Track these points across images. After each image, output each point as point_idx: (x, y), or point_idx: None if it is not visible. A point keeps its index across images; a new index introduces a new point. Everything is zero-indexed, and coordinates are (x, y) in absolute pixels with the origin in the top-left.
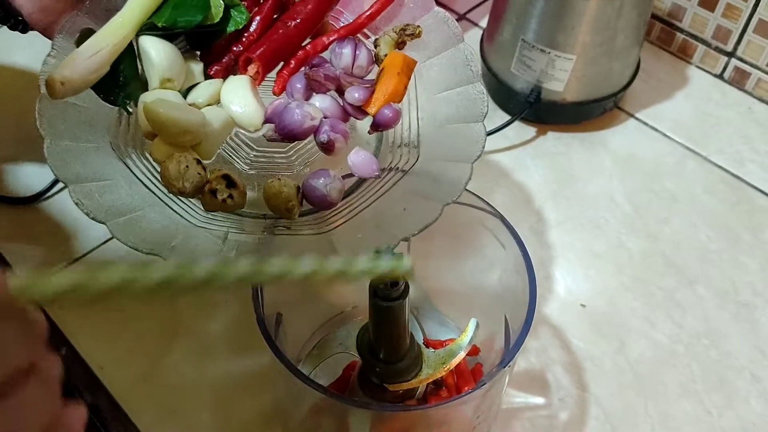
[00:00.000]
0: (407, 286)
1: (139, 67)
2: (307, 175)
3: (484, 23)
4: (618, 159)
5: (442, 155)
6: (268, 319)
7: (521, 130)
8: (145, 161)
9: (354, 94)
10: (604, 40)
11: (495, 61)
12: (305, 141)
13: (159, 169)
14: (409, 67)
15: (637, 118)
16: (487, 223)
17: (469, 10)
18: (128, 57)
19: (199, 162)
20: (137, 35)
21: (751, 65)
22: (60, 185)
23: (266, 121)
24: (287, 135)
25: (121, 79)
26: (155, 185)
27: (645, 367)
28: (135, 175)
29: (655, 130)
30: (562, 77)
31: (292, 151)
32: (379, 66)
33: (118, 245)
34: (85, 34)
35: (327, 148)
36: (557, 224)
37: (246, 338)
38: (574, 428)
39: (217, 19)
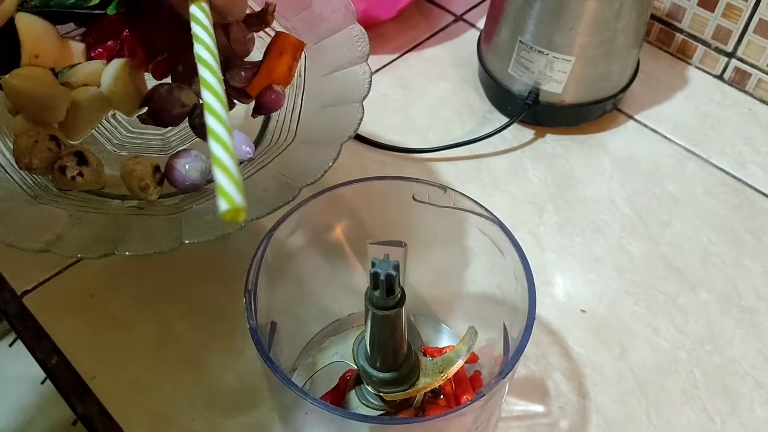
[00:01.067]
0: (404, 294)
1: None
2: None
3: (481, 24)
4: (618, 161)
5: (316, 137)
6: (261, 328)
7: (519, 133)
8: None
9: (240, 74)
10: (603, 41)
11: (492, 63)
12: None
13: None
14: (295, 47)
15: (636, 120)
16: (485, 229)
17: (466, 11)
18: (9, 34)
19: (53, 138)
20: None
21: (752, 66)
22: None
23: (143, 104)
24: (157, 120)
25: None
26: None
27: (647, 373)
28: None
29: (655, 131)
30: (560, 79)
31: (171, 134)
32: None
33: None
34: None
35: (198, 131)
36: (557, 228)
37: (241, 347)
38: None
39: (95, 1)
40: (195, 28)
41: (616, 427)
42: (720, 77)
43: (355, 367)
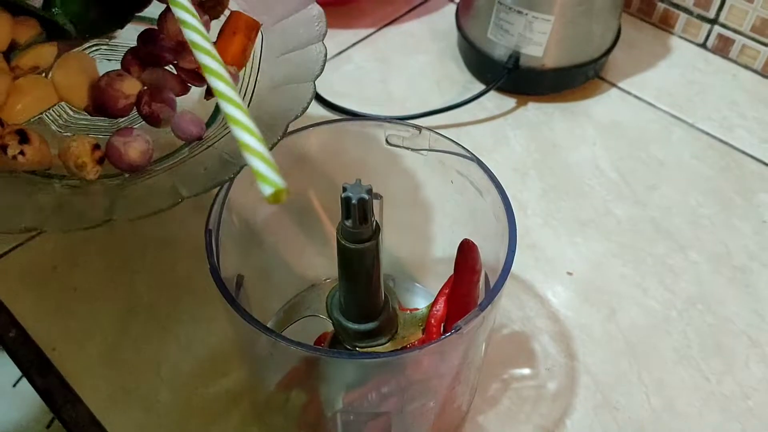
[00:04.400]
0: (378, 226)
1: None
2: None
3: None
4: (601, 128)
5: (266, 116)
6: (227, 280)
7: (501, 102)
8: None
9: (189, 58)
10: None
11: (471, 29)
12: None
13: None
14: (249, 27)
15: (619, 88)
16: (463, 170)
17: None
18: None
19: None
20: None
21: (735, 31)
22: None
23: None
24: (104, 113)
25: None
26: None
27: (637, 334)
28: None
29: (639, 98)
30: (540, 41)
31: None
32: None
33: None
34: None
35: (152, 119)
36: (542, 193)
37: (211, 315)
38: (563, 398)
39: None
40: (181, 14)
41: (606, 388)
42: (703, 45)
43: (329, 320)
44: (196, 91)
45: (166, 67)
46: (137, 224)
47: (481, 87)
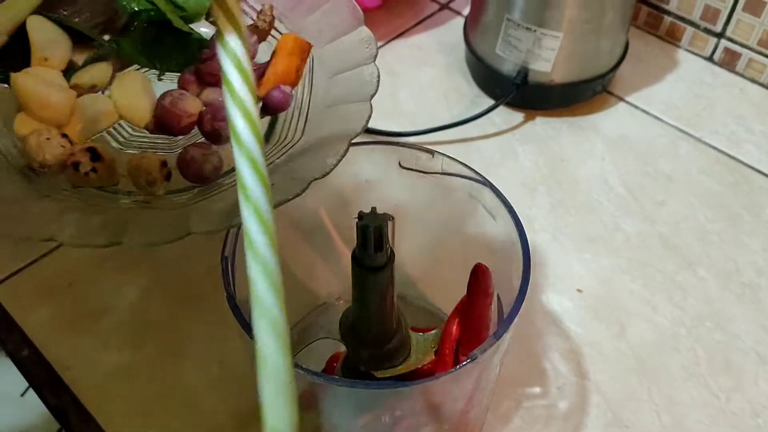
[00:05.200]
0: (392, 253)
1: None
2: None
3: (466, 12)
4: (609, 142)
5: (324, 134)
6: (242, 303)
7: (509, 116)
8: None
9: None
10: (592, 16)
11: (479, 44)
12: None
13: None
14: (302, 48)
15: (627, 102)
16: (475, 194)
17: (452, 0)
18: (22, 35)
19: (64, 136)
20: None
21: (742, 45)
22: None
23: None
24: (166, 132)
25: (11, 53)
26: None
27: (647, 351)
28: None
29: (646, 113)
30: (549, 57)
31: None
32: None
33: None
34: None
35: (214, 137)
36: (550, 209)
37: (224, 335)
38: (575, 417)
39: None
40: (227, 65)
41: (616, 407)
42: (710, 59)
43: (342, 342)
44: None
45: None
46: None
47: (489, 101)
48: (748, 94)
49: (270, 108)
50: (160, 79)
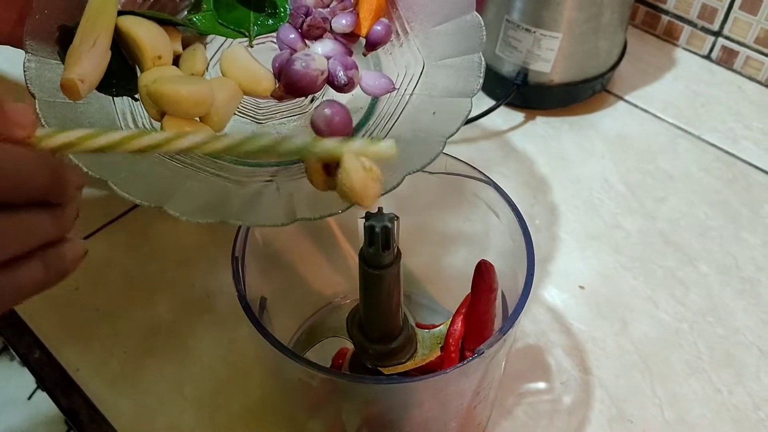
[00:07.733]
0: (399, 252)
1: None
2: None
3: None
4: (609, 141)
5: (421, 131)
6: (252, 302)
7: (509, 116)
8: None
9: (341, 21)
10: (591, 16)
11: None
12: None
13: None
14: None
15: (626, 101)
16: (479, 193)
17: None
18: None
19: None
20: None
21: (739, 43)
22: None
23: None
24: (300, 94)
25: (113, 67)
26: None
27: (649, 347)
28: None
29: (646, 111)
30: (548, 57)
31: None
32: None
33: None
34: (66, 30)
35: (347, 87)
36: (551, 207)
37: (231, 335)
38: (578, 412)
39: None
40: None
41: (619, 401)
42: (708, 57)
43: (350, 340)
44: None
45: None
46: (156, 244)
47: (490, 101)
48: (746, 91)
49: (375, 43)
50: (251, 46)
